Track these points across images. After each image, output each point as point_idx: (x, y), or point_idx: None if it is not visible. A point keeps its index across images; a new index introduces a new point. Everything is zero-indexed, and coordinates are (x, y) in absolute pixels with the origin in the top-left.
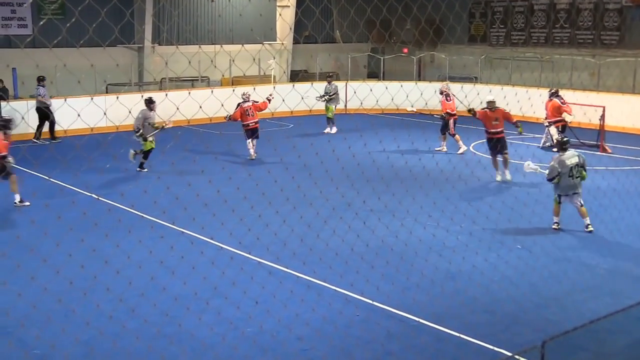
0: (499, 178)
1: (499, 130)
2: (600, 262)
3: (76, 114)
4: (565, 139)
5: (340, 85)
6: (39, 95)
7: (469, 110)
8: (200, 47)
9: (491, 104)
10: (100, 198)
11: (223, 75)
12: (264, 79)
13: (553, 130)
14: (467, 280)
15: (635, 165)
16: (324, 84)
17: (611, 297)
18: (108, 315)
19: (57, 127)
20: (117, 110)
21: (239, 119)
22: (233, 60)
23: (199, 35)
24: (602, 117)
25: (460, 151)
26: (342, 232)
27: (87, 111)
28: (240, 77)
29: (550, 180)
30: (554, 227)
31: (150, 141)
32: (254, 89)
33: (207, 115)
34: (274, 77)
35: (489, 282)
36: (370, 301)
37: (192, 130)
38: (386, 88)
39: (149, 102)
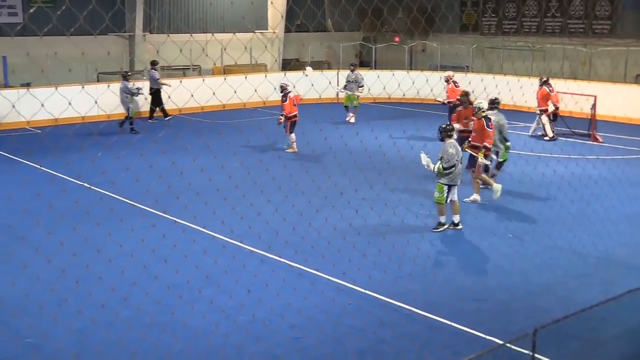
0: (471, 199)
1: (474, 143)
2: (591, 251)
3: (67, 102)
4: (449, 125)
5: (331, 74)
6: (154, 78)
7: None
8: (191, 35)
9: (475, 110)
10: (91, 187)
11: (215, 64)
12: (255, 67)
13: (544, 118)
14: (458, 268)
15: (627, 154)
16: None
17: (602, 286)
18: (101, 304)
19: (48, 116)
20: (109, 99)
21: (288, 111)
22: (224, 49)
23: (190, 23)
24: (594, 106)
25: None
26: (335, 220)
27: (78, 100)
28: (232, 65)
29: (448, 169)
30: (438, 229)
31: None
32: (245, 77)
33: (198, 104)
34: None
35: (481, 271)
36: (363, 290)
37: (183, 119)
38: (378, 77)
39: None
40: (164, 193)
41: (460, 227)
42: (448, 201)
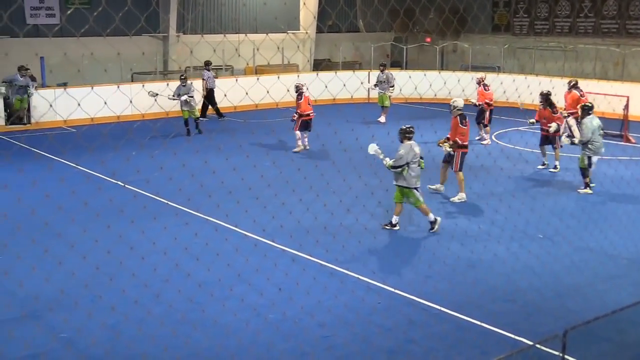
0: (434, 187)
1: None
2: (622, 252)
3: (103, 101)
4: (409, 127)
5: (362, 74)
6: (204, 78)
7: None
8: (224, 35)
9: (451, 109)
10: (126, 185)
11: (247, 64)
12: (287, 68)
13: (572, 121)
14: (488, 269)
15: None
16: (349, 72)
17: (634, 287)
18: (133, 301)
19: (84, 115)
20: (143, 99)
21: (303, 110)
22: (257, 49)
23: (223, 24)
24: (626, 106)
25: (485, 143)
26: (365, 220)
27: (113, 99)
28: (264, 66)
29: (395, 168)
30: (387, 226)
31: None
32: (278, 77)
33: (231, 104)
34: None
35: (511, 271)
36: (392, 289)
37: (216, 118)
38: (409, 77)
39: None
40: (197, 192)
41: (397, 227)
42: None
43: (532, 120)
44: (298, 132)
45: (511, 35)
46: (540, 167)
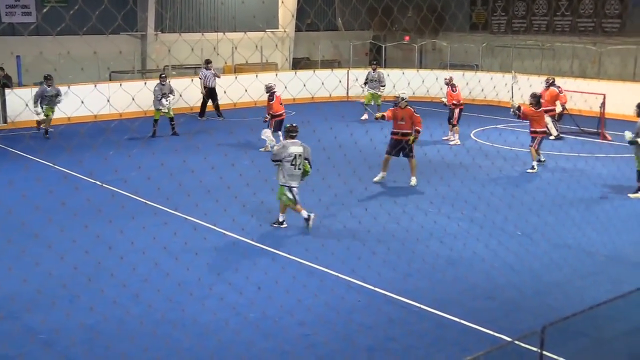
0: (377, 179)
1: (404, 131)
2: (600, 249)
3: (80, 100)
4: (293, 126)
5: (341, 73)
6: (200, 77)
7: (377, 118)
8: (203, 34)
9: (399, 101)
10: (104, 185)
11: (226, 63)
12: (266, 66)
13: (548, 118)
14: (468, 266)
15: None
16: (327, 71)
17: (611, 284)
18: (112, 301)
19: (61, 114)
20: (121, 98)
21: (275, 110)
22: (236, 48)
23: (201, 22)
24: (603, 104)
25: (452, 143)
26: (344, 218)
27: (90, 98)
28: (242, 64)
29: (273, 161)
30: (276, 224)
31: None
32: (257, 76)
33: (210, 102)
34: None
35: (490, 269)
36: (372, 287)
37: (194, 117)
38: (388, 75)
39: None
40: (175, 191)
41: (284, 225)
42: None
43: (515, 108)
44: (268, 132)
45: (489, 34)
46: (535, 165)
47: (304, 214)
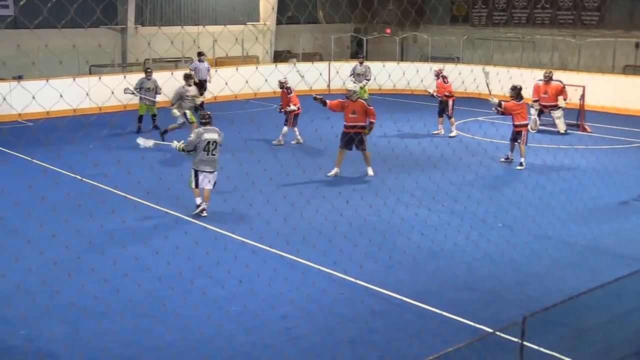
0: (331, 174)
1: (358, 124)
2: (579, 240)
3: (58, 94)
4: (206, 114)
5: (322, 65)
6: (191, 68)
7: (315, 98)
8: (183, 27)
9: (350, 94)
10: (83, 179)
11: (206, 56)
12: (247, 59)
13: (533, 111)
14: (449, 258)
15: (614, 144)
16: (308, 64)
17: (590, 274)
18: (93, 295)
19: (40, 108)
20: (100, 91)
21: (295, 104)
22: (216, 41)
23: (182, 15)
24: (582, 96)
25: (453, 134)
26: (325, 211)
27: (69, 92)
28: (223, 57)
29: (189, 151)
30: (197, 212)
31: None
32: (237, 69)
33: None
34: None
35: (471, 260)
36: (354, 279)
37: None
38: (368, 68)
39: (187, 78)
40: (156, 185)
41: (205, 214)
42: (201, 187)
43: (496, 104)
44: (285, 128)
45: (470, 27)
46: (502, 160)
47: (198, 200)
